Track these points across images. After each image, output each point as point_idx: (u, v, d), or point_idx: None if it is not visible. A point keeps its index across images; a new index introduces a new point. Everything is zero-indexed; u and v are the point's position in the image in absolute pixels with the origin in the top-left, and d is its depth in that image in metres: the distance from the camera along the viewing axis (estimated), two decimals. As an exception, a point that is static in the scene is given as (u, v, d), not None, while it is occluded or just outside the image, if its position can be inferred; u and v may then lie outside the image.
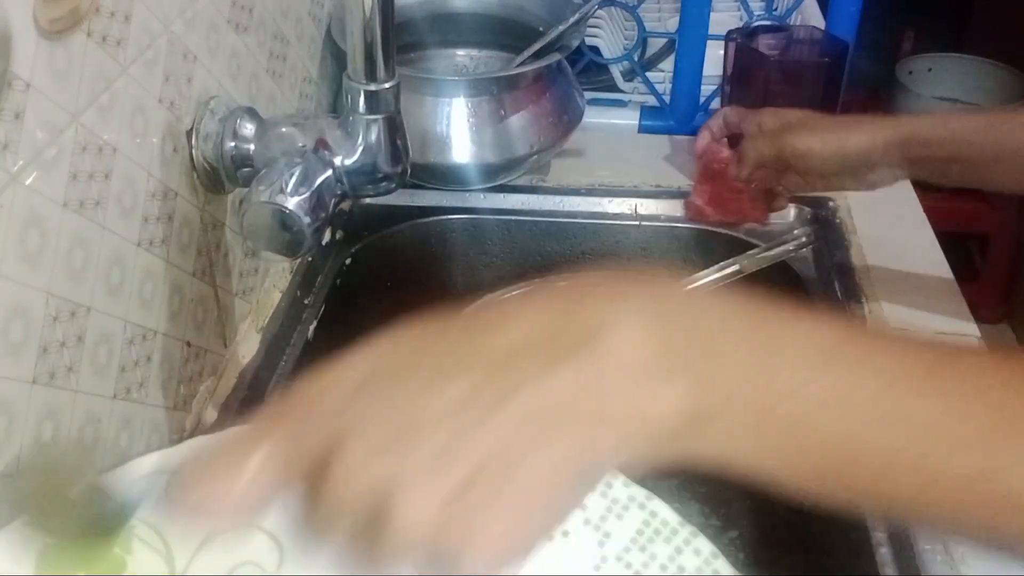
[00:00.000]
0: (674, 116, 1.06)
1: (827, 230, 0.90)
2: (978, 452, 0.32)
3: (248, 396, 0.71)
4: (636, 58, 1.09)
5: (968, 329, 0.78)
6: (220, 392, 0.71)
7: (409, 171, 0.67)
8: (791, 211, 0.93)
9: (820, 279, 0.86)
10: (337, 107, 0.95)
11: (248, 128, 0.68)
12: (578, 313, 0.33)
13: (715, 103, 1.04)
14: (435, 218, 0.94)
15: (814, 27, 1.01)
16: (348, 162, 0.64)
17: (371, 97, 0.62)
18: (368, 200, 0.93)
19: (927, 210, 0.94)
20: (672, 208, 0.93)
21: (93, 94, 0.52)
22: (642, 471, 0.35)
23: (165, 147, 0.62)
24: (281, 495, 0.33)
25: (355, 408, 0.32)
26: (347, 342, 0.34)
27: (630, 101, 1.10)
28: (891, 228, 0.91)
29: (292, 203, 0.60)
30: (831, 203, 0.93)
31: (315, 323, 0.81)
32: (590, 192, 0.96)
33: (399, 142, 0.65)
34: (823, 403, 0.32)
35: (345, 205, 0.92)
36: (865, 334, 0.36)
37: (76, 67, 0.51)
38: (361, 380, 0.33)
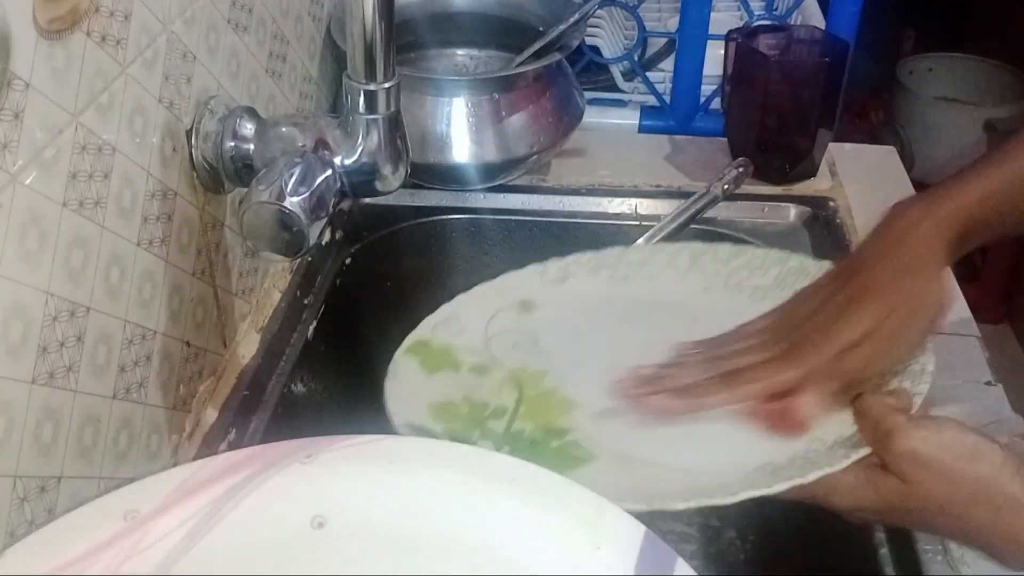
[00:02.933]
0: (674, 116, 1.06)
1: (827, 230, 0.90)
2: None
3: (248, 396, 0.71)
4: (636, 58, 1.09)
5: (968, 329, 0.78)
6: (220, 392, 0.71)
7: (409, 171, 0.67)
8: (791, 211, 0.93)
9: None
10: (337, 107, 0.95)
11: (248, 128, 0.68)
12: None
13: (715, 103, 1.04)
14: (435, 218, 0.94)
15: (814, 27, 1.00)
16: (348, 162, 0.64)
17: (371, 97, 0.62)
18: (368, 200, 0.93)
19: (927, 210, 0.93)
20: (672, 208, 0.93)
21: (92, 94, 0.52)
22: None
23: (165, 147, 0.62)
24: None
25: None
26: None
27: (630, 101, 1.10)
28: (891, 228, 0.90)
29: (292, 203, 0.60)
30: (831, 203, 0.93)
31: (315, 323, 0.81)
32: (590, 192, 0.96)
33: (399, 142, 0.65)
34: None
35: (345, 205, 0.92)
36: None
37: (75, 67, 0.51)
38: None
